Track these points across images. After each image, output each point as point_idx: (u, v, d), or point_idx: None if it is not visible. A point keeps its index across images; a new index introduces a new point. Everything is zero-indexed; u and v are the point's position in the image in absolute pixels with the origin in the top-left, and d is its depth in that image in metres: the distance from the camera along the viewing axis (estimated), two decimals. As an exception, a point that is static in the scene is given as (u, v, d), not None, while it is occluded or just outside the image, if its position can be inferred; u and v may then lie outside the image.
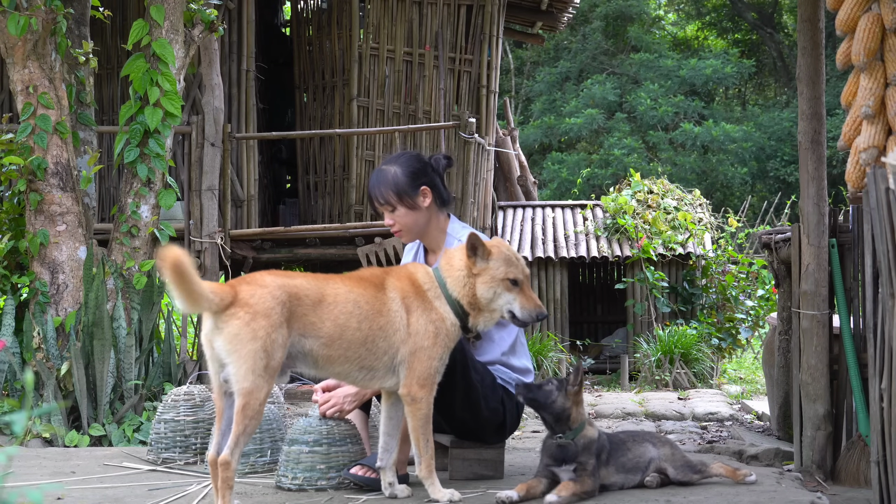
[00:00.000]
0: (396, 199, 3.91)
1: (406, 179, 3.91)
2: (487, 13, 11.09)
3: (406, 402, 3.47)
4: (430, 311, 3.47)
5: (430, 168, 4.00)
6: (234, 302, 3.23)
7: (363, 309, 3.41)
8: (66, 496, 3.73)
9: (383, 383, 3.49)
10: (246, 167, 10.38)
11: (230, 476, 3.21)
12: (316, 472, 3.76)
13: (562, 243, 11.39)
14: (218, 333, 3.21)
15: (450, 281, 3.50)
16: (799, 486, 3.83)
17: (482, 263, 3.47)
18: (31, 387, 2.01)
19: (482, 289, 3.46)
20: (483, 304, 3.48)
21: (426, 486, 3.52)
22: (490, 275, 3.46)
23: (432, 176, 3.98)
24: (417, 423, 3.47)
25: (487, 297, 3.47)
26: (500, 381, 3.92)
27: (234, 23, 10.73)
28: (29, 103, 6.00)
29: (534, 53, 24.32)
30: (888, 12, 4.09)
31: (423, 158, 4.04)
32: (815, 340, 4.85)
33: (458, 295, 3.49)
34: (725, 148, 21.13)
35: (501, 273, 3.46)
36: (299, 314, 3.33)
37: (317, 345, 3.36)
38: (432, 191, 3.95)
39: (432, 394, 3.48)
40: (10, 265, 6.26)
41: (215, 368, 3.27)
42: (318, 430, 3.80)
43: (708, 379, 10.03)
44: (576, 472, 3.52)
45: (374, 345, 3.42)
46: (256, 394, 3.20)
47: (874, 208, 3.76)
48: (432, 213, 3.96)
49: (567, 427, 3.58)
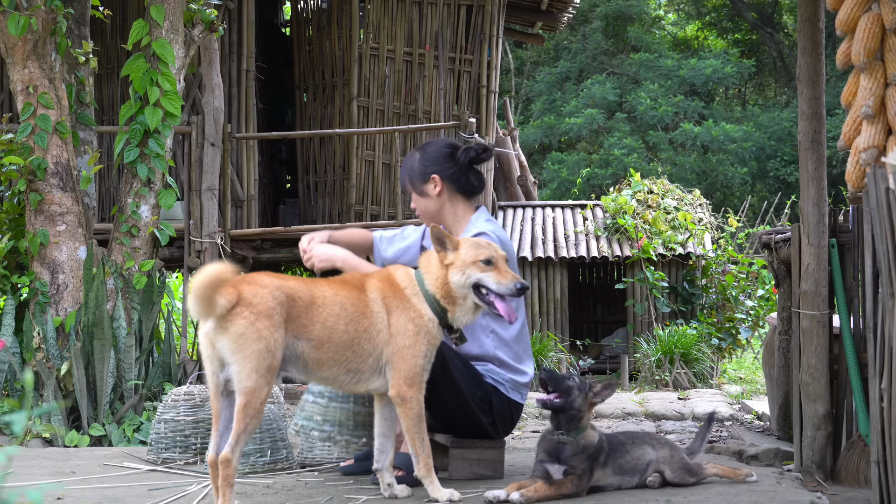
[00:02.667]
0: (410, 185, 4.10)
1: (419, 167, 4.06)
2: (487, 13, 11.09)
3: (396, 402, 3.47)
4: (408, 310, 3.49)
5: (451, 158, 4.05)
6: (238, 302, 3.23)
7: (349, 311, 3.43)
8: (66, 496, 3.73)
9: (370, 385, 3.50)
10: (246, 167, 10.38)
11: (231, 474, 3.21)
12: (312, 422, 4.03)
13: (562, 243, 11.39)
14: (222, 333, 3.22)
15: (426, 277, 3.54)
16: (799, 486, 3.83)
17: (452, 254, 3.50)
18: (31, 387, 2.01)
19: (453, 275, 3.48)
20: (455, 290, 3.48)
21: (425, 485, 3.52)
22: (461, 261, 3.49)
23: (447, 166, 4.03)
24: (410, 423, 3.47)
25: (459, 281, 3.47)
26: (490, 379, 3.93)
27: (234, 23, 10.73)
28: (29, 103, 6.00)
29: (534, 53, 24.32)
30: (888, 12, 4.09)
31: (450, 148, 4.09)
32: (815, 340, 4.85)
33: (433, 289, 3.51)
34: (725, 148, 21.13)
35: (471, 257, 3.49)
36: (294, 316, 3.34)
37: (308, 347, 3.37)
38: (444, 180, 4.02)
39: (422, 392, 3.48)
40: (10, 265, 6.26)
41: (214, 368, 3.27)
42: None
43: (708, 379, 10.04)
44: (566, 473, 3.52)
45: (360, 347, 3.43)
46: (258, 393, 3.21)
47: (874, 208, 3.76)
48: (444, 201, 4.05)
49: (575, 427, 3.58)
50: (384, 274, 3.59)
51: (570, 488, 3.50)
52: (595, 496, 3.58)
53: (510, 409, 3.99)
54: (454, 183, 4.04)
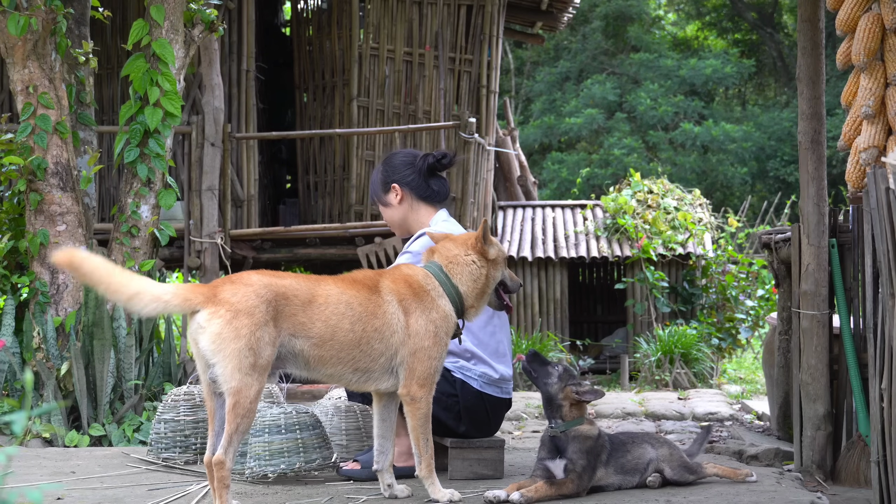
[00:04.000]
0: (375, 198, 4.20)
1: (381, 177, 4.15)
2: (487, 13, 11.09)
3: (405, 402, 3.47)
4: (430, 311, 3.48)
5: (410, 166, 4.11)
6: (215, 301, 3.23)
7: (356, 311, 3.40)
8: (66, 496, 3.73)
9: (379, 385, 3.48)
10: (246, 167, 10.38)
11: (225, 475, 3.21)
12: (262, 460, 3.88)
13: (562, 243, 11.39)
14: (201, 333, 3.21)
15: (461, 274, 3.57)
16: (799, 486, 3.83)
17: (489, 247, 3.60)
18: (31, 387, 2.01)
19: (494, 272, 3.62)
20: (489, 288, 3.61)
21: (426, 485, 3.52)
22: (501, 258, 3.64)
23: (407, 173, 4.10)
24: (417, 423, 3.48)
25: (497, 277, 3.63)
26: (459, 374, 3.98)
27: (234, 23, 10.73)
28: (29, 103, 6.00)
29: (534, 53, 24.32)
30: (888, 12, 4.09)
31: (410, 156, 4.15)
32: (815, 340, 4.85)
33: (470, 287, 3.57)
34: (725, 148, 21.13)
35: (502, 255, 3.66)
36: (287, 314, 3.31)
37: (307, 345, 3.35)
38: (404, 188, 4.10)
39: (431, 393, 3.49)
40: (10, 265, 6.26)
41: (202, 367, 3.28)
42: (277, 418, 3.94)
43: (708, 379, 10.04)
44: (566, 470, 3.52)
45: (370, 346, 3.41)
46: (245, 392, 3.19)
47: (874, 208, 3.76)
48: (408, 209, 4.12)
49: (559, 417, 3.59)
50: (400, 274, 3.55)
51: (571, 488, 3.50)
52: (595, 496, 3.58)
53: (483, 404, 4.00)
54: (415, 190, 4.11)
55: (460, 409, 3.96)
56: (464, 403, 3.95)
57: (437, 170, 4.13)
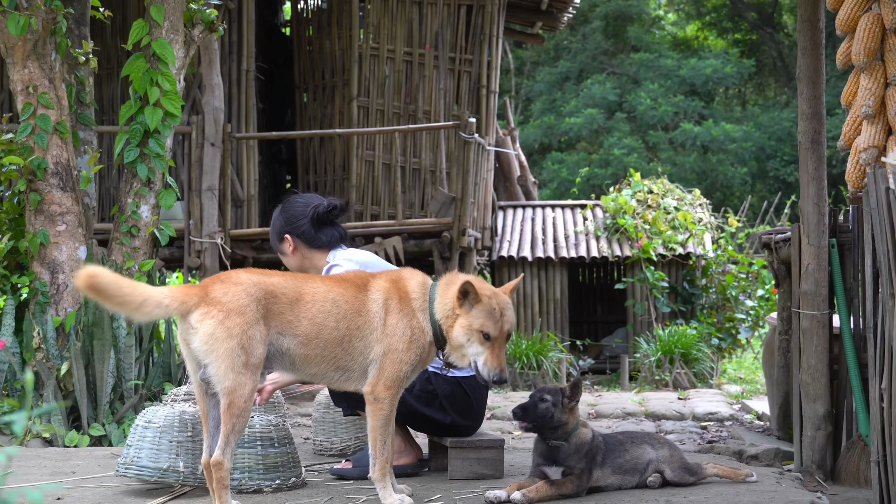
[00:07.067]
0: (273, 246, 4.31)
1: (277, 227, 4.26)
2: (487, 13, 11.09)
3: (368, 400, 3.41)
4: (410, 318, 3.43)
5: (302, 217, 4.17)
6: (206, 301, 3.22)
7: (342, 308, 3.39)
8: (66, 496, 3.73)
9: (359, 385, 3.45)
10: (246, 167, 10.38)
11: (224, 476, 3.21)
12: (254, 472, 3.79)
13: (562, 243, 11.39)
14: (193, 334, 3.21)
15: (439, 304, 3.45)
16: (799, 486, 3.84)
17: (467, 307, 3.39)
18: (31, 387, 2.01)
19: (457, 330, 3.39)
20: (455, 344, 3.42)
21: (378, 489, 3.45)
22: (468, 321, 3.38)
23: (299, 225, 4.18)
24: (377, 423, 3.41)
25: (460, 340, 3.39)
26: (430, 368, 3.90)
27: (234, 23, 10.73)
28: (29, 103, 6.00)
29: (534, 53, 24.32)
30: (888, 12, 4.09)
31: (302, 206, 4.20)
32: (815, 340, 4.85)
33: (440, 319, 3.44)
34: (725, 148, 21.13)
35: (478, 324, 3.36)
36: (276, 312, 3.31)
37: (294, 343, 3.34)
38: (296, 239, 4.18)
39: (396, 397, 3.43)
40: (10, 265, 6.25)
41: (193, 367, 3.27)
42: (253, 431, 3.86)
43: (708, 379, 10.04)
44: (564, 474, 3.53)
45: (351, 345, 3.39)
46: (239, 391, 3.19)
47: (874, 208, 3.76)
48: (301, 257, 4.21)
49: (561, 434, 3.59)
50: (396, 276, 3.53)
51: (571, 488, 3.51)
52: (595, 496, 3.58)
53: (462, 388, 4.02)
54: (306, 241, 4.19)
55: (441, 400, 3.98)
56: (442, 393, 3.98)
57: (326, 221, 4.19)
